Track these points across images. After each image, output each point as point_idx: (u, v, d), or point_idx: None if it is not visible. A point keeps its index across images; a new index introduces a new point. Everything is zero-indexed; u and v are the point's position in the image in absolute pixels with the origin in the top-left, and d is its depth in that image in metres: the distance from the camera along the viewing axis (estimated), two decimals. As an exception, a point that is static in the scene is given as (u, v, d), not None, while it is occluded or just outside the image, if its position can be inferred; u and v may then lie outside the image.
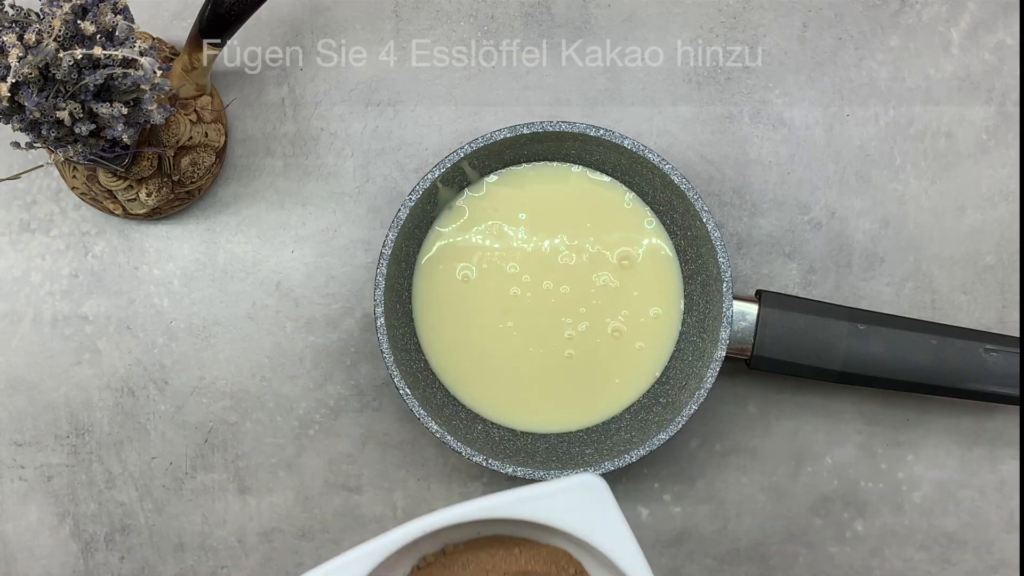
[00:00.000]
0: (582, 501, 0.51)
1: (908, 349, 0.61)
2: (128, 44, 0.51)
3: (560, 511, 0.51)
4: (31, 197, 0.66)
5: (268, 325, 0.66)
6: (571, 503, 0.51)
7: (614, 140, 0.60)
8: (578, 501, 0.51)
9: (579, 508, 0.51)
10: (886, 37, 0.66)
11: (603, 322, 0.63)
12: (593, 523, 0.51)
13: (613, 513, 0.51)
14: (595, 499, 0.51)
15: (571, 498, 0.51)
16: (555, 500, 0.51)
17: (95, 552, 0.66)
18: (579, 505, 0.51)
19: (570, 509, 0.51)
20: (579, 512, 0.51)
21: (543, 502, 0.51)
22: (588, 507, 0.51)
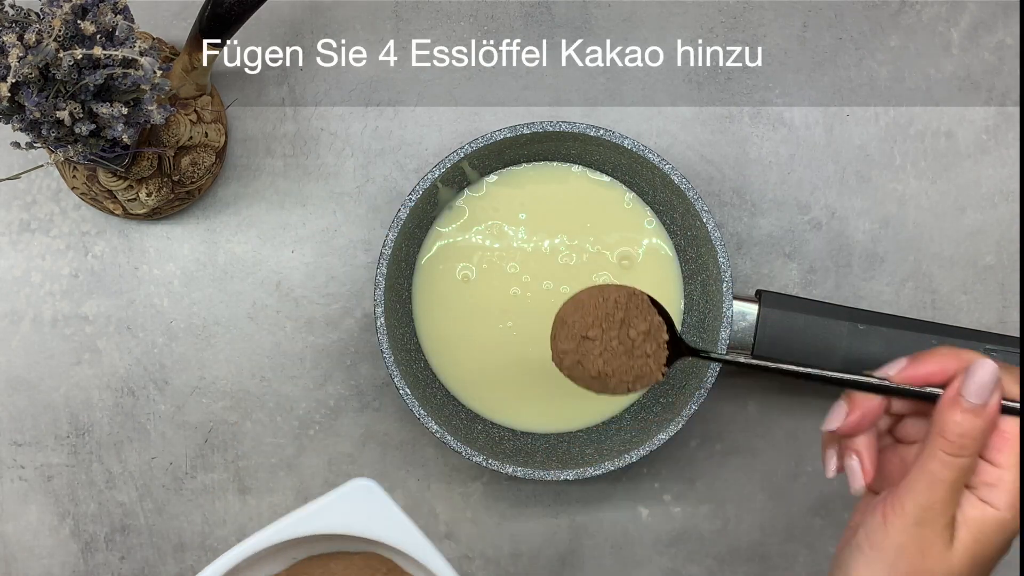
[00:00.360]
0: (359, 504, 0.54)
1: (908, 349, 0.61)
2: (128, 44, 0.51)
3: (343, 518, 0.54)
4: (31, 197, 0.66)
5: (268, 325, 0.66)
6: (350, 508, 0.54)
7: (614, 140, 0.60)
8: (356, 505, 0.54)
9: (359, 511, 0.54)
10: (886, 37, 0.66)
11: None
12: (375, 521, 0.54)
13: (390, 508, 0.54)
14: (371, 499, 0.54)
15: (349, 503, 0.54)
16: (335, 509, 0.54)
17: (95, 552, 0.66)
18: (358, 508, 0.54)
19: (352, 513, 0.54)
20: (360, 514, 0.54)
21: (324, 514, 0.54)
22: (367, 508, 0.54)
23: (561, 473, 0.60)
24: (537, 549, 0.66)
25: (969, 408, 0.46)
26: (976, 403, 0.46)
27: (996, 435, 0.46)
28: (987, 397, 0.46)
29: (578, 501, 0.66)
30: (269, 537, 0.54)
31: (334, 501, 0.54)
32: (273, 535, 0.54)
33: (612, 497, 0.66)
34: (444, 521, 0.66)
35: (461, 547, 0.66)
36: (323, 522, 0.54)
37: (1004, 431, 0.46)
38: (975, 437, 0.46)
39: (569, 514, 0.66)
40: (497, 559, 0.66)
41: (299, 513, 0.54)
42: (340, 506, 0.54)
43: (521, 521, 0.66)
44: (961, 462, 0.45)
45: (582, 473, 0.60)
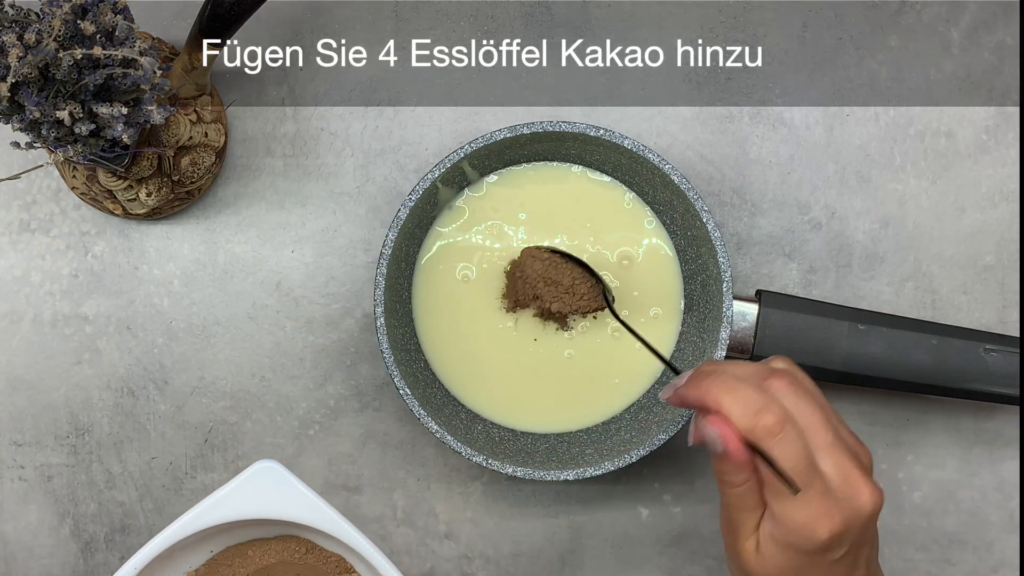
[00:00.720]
0: (264, 487, 0.53)
1: (908, 349, 0.61)
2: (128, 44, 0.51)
3: (251, 503, 0.53)
4: (31, 197, 0.66)
5: (268, 325, 0.66)
6: (256, 492, 0.53)
7: (614, 140, 0.60)
8: (261, 488, 0.53)
9: (265, 493, 0.53)
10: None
11: (603, 322, 0.63)
12: (282, 502, 0.53)
13: (296, 487, 0.53)
14: (275, 480, 0.53)
15: (253, 488, 0.53)
16: (241, 495, 0.53)
17: (95, 552, 0.66)
18: (264, 491, 0.53)
19: (259, 497, 0.53)
20: (266, 497, 0.53)
21: (231, 500, 0.53)
22: (272, 489, 0.53)
23: (561, 473, 0.60)
24: (537, 549, 0.66)
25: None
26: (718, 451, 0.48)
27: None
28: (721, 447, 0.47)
29: (578, 501, 0.66)
30: (176, 532, 0.53)
31: (239, 487, 0.53)
32: (179, 529, 0.53)
33: (612, 497, 0.66)
34: (444, 521, 0.66)
35: (461, 547, 0.66)
36: (230, 509, 0.53)
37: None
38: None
39: (569, 514, 0.66)
40: (497, 559, 0.66)
41: (205, 503, 0.53)
42: (246, 491, 0.53)
43: (521, 521, 0.66)
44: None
45: (582, 473, 0.60)
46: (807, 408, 0.47)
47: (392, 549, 0.66)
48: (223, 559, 0.57)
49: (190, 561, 0.56)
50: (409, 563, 0.66)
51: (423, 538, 0.66)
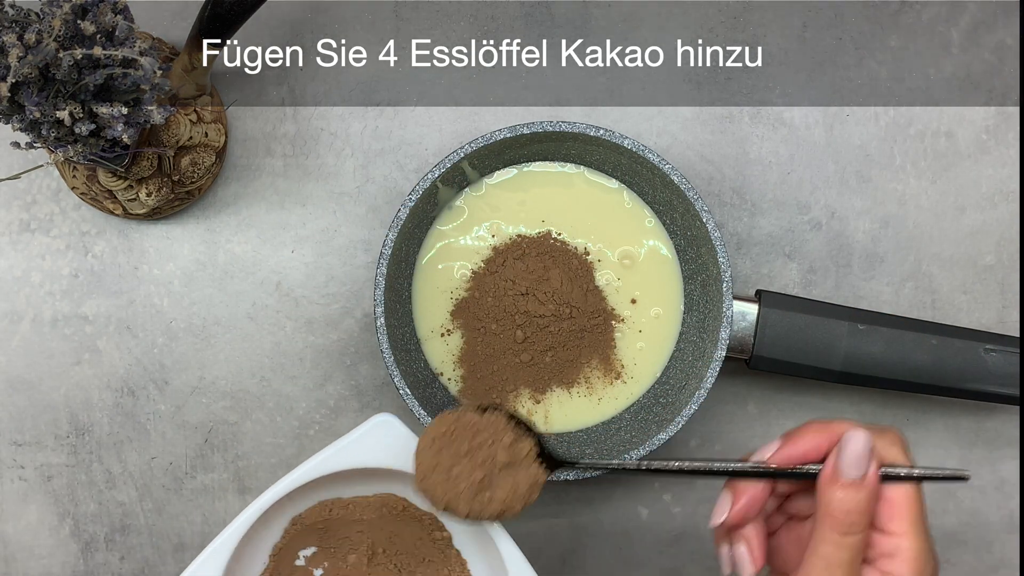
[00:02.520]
0: (381, 438, 0.56)
1: (908, 349, 0.61)
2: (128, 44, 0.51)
3: (367, 453, 0.56)
4: (31, 197, 0.66)
5: (268, 325, 0.66)
6: (373, 443, 0.56)
7: (614, 140, 0.60)
8: (378, 439, 0.56)
9: (382, 445, 0.56)
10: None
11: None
12: (395, 453, 0.56)
13: (409, 440, 0.55)
14: (390, 433, 0.56)
15: (371, 439, 0.56)
16: (359, 445, 0.56)
17: (95, 552, 0.66)
18: (380, 442, 0.56)
19: (374, 448, 0.56)
20: (382, 448, 0.56)
21: (348, 451, 0.56)
22: (387, 441, 0.56)
23: (561, 473, 0.60)
24: (537, 549, 0.66)
25: (848, 483, 0.44)
26: (854, 476, 0.44)
27: (883, 504, 0.45)
28: (865, 468, 0.45)
29: (578, 501, 0.66)
30: (302, 476, 0.56)
31: (356, 438, 0.56)
32: (305, 474, 0.56)
33: (612, 497, 0.66)
34: (444, 521, 0.66)
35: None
36: (349, 458, 0.56)
37: (891, 499, 0.45)
38: (862, 511, 0.44)
39: (569, 514, 0.66)
40: (497, 559, 0.66)
41: (325, 452, 0.56)
42: (362, 442, 0.56)
43: (521, 521, 0.66)
44: (853, 540, 0.44)
45: (582, 473, 0.60)
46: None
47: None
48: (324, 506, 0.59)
49: (297, 507, 0.58)
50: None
51: (423, 538, 0.66)
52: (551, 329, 0.63)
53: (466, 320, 0.63)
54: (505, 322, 0.63)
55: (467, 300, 0.63)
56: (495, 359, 0.63)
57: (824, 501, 0.45)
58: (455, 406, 0.57)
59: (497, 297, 0.63)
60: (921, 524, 0.45)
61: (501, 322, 0.63)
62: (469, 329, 0.63)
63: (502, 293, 0.63)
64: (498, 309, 0.63)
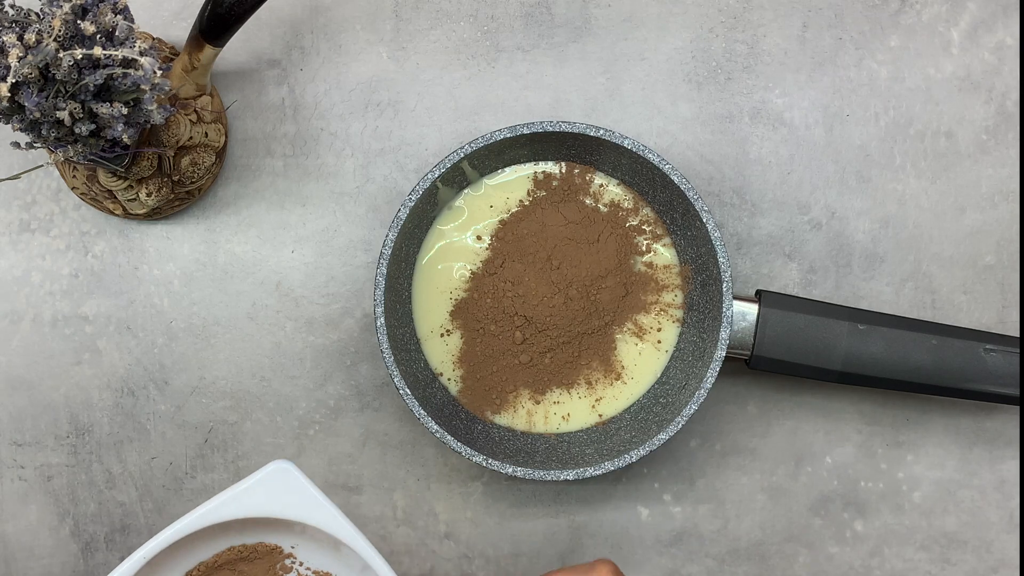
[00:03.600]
0: (276, 487, 0.54)
1: (908, 349, 0.61)
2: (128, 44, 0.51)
3: (259, 502, 0.54)
4: (31, 197, 0.66)
5: (268, 325, 0.66)
6: (267, 493, 0.54)
7: (614, 140, 0.60)
8: (272, 488, 0.54)
9: (277, 493, 0.54)
10: (886, 37, 0.66)
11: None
12: (293, 502, 0.54)
13: (307, 489, 0.54)
14: (288, 481, 0.54)
15: (265, 488, 0.54)
16: (252, 494, 0.54)
17: (95, 552, 0.66)
18: (275, 491, 0.54)
19: (269, 498, 0.54)
20: (278, 497, 0.54)
21: (242, 500, 0.54)
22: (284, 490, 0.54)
23: (561, 473, 0.60)
24: (537, 549, 0.66)
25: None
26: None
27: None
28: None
29: (578, 501, 0.66)
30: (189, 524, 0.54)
31: (250, 487, 0.54)
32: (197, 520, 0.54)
33: (612, 497, 0.66)
34: (444, 521, 0.66)
35: (461, 547, 0.66)
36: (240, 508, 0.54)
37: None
38: None
39: (569, 514, 0.66)
40: (497, 559, 0.66)
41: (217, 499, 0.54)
42: (255, 491, 0.54)
43: (521, 521, 0.66)
44: None
45: (582, 473, 0.60)
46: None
47: (392, 549, 0.66)
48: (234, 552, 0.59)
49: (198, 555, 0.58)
50: (409, 563, 0.66)
51: (423, 538, 0.66)
52: (550, 331, 0.63)
53: (465, 321, 0.63)
54: (504, 323, 0.63)
55: (466, 301, 0.63)
56: (495, 360, 0.63)
57: None
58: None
59: (496, 298, 0.63)
60: None
61: (500, 323, 0.63)
62: (468, 330, 0.63)
63: (501, 294, 0.63)
64: (497, 310, 0.63)
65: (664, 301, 0.64)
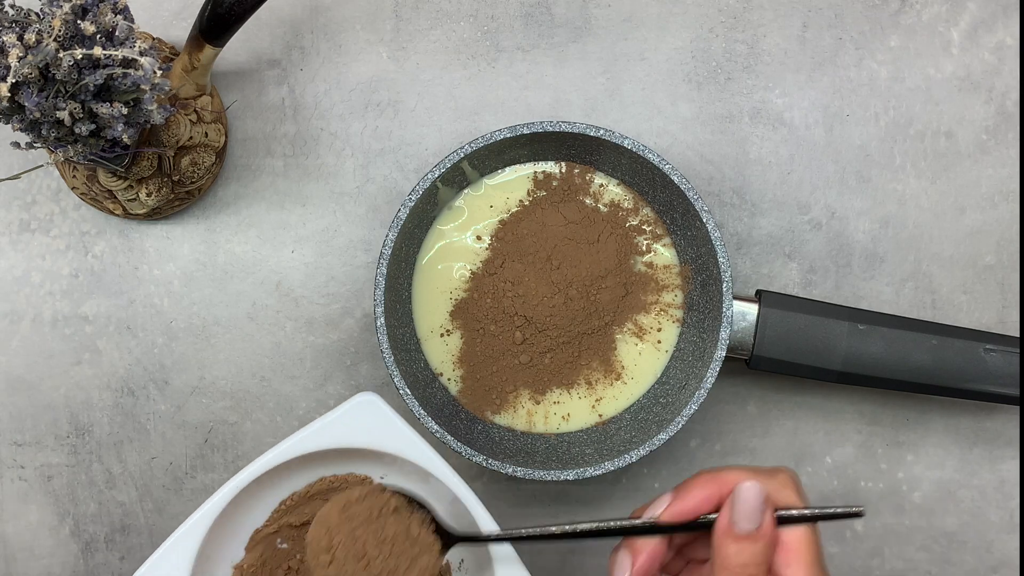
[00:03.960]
0: (363, 418, 0.55)
1: (908, 349, 0.61)
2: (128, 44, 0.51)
3: (349, 432, 0.56)
4: (31, 197, 0.66)
5: (268, 325, 0.66)
6: (354, 423, 0.55)
7: (614, 140, 0.60)
8: (360, 419, 0.55)
9: (364, 425, 0.56)
10: (886, 37, 0.66)
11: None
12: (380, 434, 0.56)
13: (393, 420, 0.55)
14: (373, 412, 0.55)
15: (353, 418, 0.55)
16: (340, 424, 0.55)
17: (95, 552, 0.66)
18: (363, 422, 0.55)
19: (356, 429, 0.56)
20: (365, 428, 0.56)
21: (330, 430, 0.55)
22: (371, 422, 0.55)
23: (561, 473, 0.60)
24: (537, 550, 0.66)
25: (744, 536, 0.44)
26: (749, 529, 0.44)
27: (780, 548, 0.45)
28: (759, 520, 0.44)
29: (578, 501, 0.66)
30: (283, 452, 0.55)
31: (337, 417, 0.55)
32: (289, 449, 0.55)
33: (612, 497, 0.66)
34: (444, 521, 0.66)
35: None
36: (330, 437, 0.56)
37: (786, 543, 0.45)
38: (758, 563, 0.44)
39: (569, 514, 0.66)
40: (497, 559, 0.66)
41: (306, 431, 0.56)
42: (343, 421, 0.56)
43: (521, 521, 0.66)
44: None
45: (582, 473, 0.60)
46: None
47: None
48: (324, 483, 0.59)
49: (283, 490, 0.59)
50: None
51: (423, 538, 0.66)
52: (550, 331, 0.63)
53: (465, 321, 0.63)
54: (504, 323, 0.63)
55: (466, 301, 0.63)
56: (495, 360, 0.63)
57: (720, 554, 0.45)
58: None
59: (496, 298, 0.63)
60: (817, 566, 0.45)
61: (500, 323, 0.63)
62: (468, 330, 0.63)
63: (501, 294, 0.63)
64: (497, 310, 0.63)
65: (664, 301, 0.64)
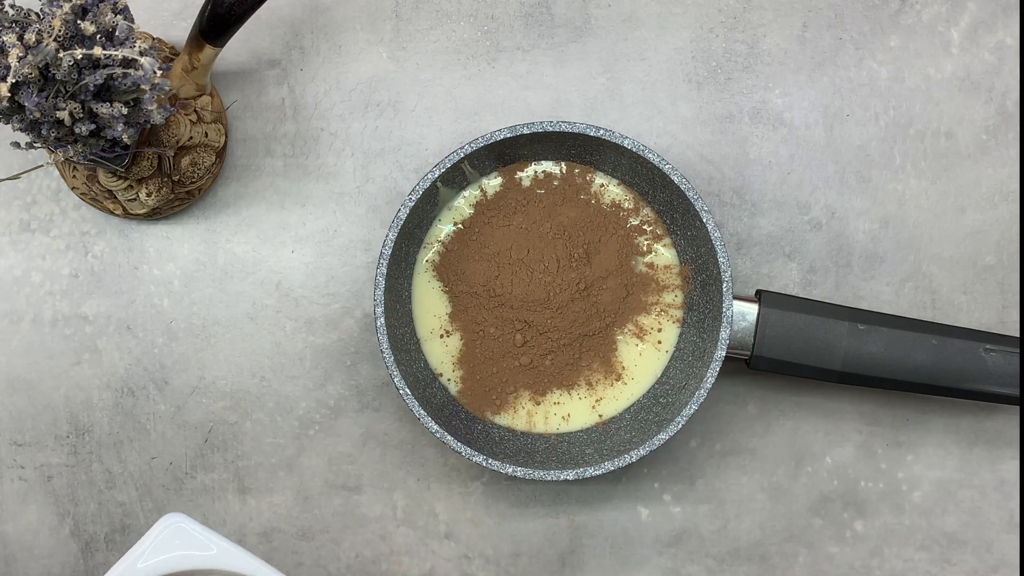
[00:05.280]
0: (174, 541, 0.52)
1: (908, 349, 0.61)
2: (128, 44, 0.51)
3: (163, 562, 0.52)
4: (31, 197, 0.66)
5: (268, 325, 0.66)
6: (164, 548, 0.52)
7: (614, 140, 0.60)
8: (171, 543, 0.52)
9: (177, 548, 0.52)
10: (886, 37, 0.66)
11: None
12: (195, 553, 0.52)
13: (207, 536, 0.52)
14: (184, 533, 0.52)
15: (162, 545, 0.52)
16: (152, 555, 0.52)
17: (95, 552, 0.66)
18: (175, 545, 0.52)
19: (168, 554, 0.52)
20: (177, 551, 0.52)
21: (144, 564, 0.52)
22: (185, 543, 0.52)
23: (561, 473, 0.60)
24: (537, 549, 0.66)
25: None
26: None
27: None
28: None
29: (578, 501, 0.66)
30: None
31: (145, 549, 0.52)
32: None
33: (612, 497, 0.66)
34: (444, 521, 0.66)
35: (461, 547, 0.66)
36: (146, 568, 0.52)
37: None
38: None
39: (569, 514, 0.66)
40: (497, 559, 0.66)
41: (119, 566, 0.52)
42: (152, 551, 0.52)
43: (521, 521, 0.66)
44: None
45: (582, 473, 0.60)
46: None
47: (392, 549, 0.66)
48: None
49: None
50: (409, 563, 0.66)
51: (423, 538, 0.66)
52: (551, 333, 0.63)
53: (465, 323, 0.63)
54: (504, 326, 0.63)
55: (466, 302, 0.63)
56: (495, 362, 0.63)
57: None
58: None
59: (496, 301, 0.63)
60: None
61: (500, 326, 0.63)
62: (468, 332, 0.63)
63: (501, 297, 0.63)
64: (497, 313, 0.63)
65: (664, 302, 0.64)
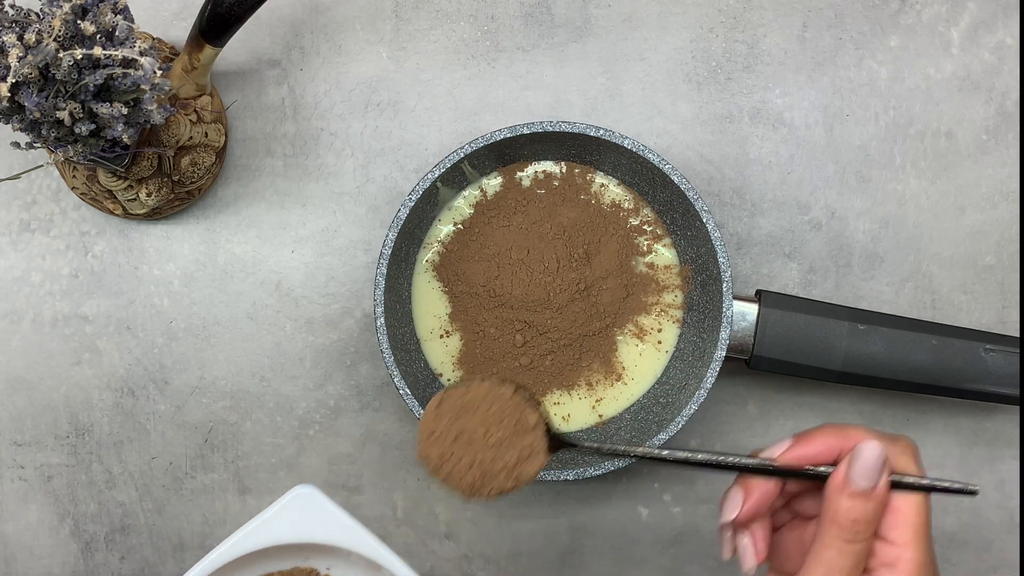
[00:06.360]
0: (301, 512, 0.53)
1: (908, 349, 0.61)
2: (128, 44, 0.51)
3: (287, 528, 0.53)
4: (31, 197, 0.66)
5: (268, 325, 0.66)
6: (293, 517, 0.53)
7: (614, 140, 0.60)
8: (298, 513, 0.53)
9: (303, 519, 0.53)
10: (886, 37, 0.66)
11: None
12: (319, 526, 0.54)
13: (332, 510, 0.53)
14: (312, 505, 0.53)
15: (291, 513, 0.53)
16: (278, 521, 0.53)
17: (95, 552, 0.66)
18: (301, 516, 0.53)
19: (295, 524, 0.53)
20: (303, 522, 0.53)
21: (266, 528, 0.53)
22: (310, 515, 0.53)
23: (561, 473, 0.60)
24: (537, 549, 0.66)
25: (858, 493, 0.44)
26: (865, 487, 0.44)
27: (890, 513, 0.45)
28: (876, 480, 0.44)
29: (578, 501, 0.66)
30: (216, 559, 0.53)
31: (273, 514, 0.53)
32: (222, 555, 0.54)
33: (612, 497, 0.66)
34: (444, 521, 0.66)
35: (461, 547, 0.66)
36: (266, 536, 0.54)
37: (897, 508, 0.45)
38: (868, 521, 0.44)
39: (569, 514, 0.66)
40: (497, 559, 0.66)
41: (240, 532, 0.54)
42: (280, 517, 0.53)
43: (521, 521, 0.66)
44: (856, 547, 0.44)
45: (582, 473, 0.60)
46: None
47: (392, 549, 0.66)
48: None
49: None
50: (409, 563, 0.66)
51: (423, 538, 0.66)
52: (551, 334, 0.63)
53: (465, 323, 0.63)
54: (504, 326, 0.63)
55: (466, 303, 0.63)
56: (495, 362, 0.63)
57: (831, 507, 0.45)
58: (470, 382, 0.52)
59: (496, 301, 0.63)
60: (925, 535, 0.45)
61: (500, 327, 0.63)
62: (468, 332, 0.63)
63: (500, 298, 0.63)
64: (497, 314, 0.63)
65: (664, 302, 0.64)
